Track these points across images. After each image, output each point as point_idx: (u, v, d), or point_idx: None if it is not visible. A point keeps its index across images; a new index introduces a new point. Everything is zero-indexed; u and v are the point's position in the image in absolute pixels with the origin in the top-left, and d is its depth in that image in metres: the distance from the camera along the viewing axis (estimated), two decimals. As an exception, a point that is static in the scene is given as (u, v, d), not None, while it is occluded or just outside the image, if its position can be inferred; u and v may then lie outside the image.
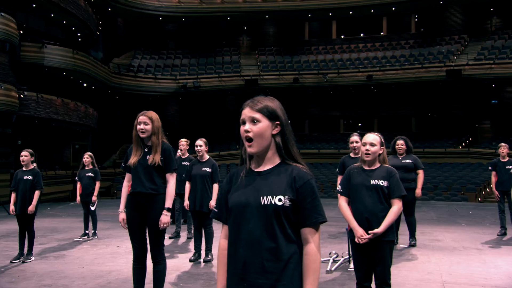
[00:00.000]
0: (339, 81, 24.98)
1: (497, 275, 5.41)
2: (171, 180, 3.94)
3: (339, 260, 6.09)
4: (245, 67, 26.78)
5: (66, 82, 20.86)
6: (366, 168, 3.61)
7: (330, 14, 27.57)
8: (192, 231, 7.26)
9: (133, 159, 3.88)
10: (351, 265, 5.73)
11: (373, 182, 3.51)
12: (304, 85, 25.36)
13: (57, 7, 18.81)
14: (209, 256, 6.11)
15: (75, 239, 7.92)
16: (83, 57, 20.01)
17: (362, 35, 28.97)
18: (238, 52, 28.82)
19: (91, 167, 8.19)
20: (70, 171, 18.98)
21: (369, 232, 3.40)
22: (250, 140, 1.84)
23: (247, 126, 1.85)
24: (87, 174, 8.11)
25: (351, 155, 6.49)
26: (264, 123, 1.84)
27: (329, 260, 5.97)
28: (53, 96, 18.12)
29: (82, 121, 19.83)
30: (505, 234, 8.22)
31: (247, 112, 1.87)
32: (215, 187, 6.14)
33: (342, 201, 3.66)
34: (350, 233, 3.58)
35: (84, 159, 8.32)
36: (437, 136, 25.11)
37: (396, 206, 3.49)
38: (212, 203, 6.00)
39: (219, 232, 6.78)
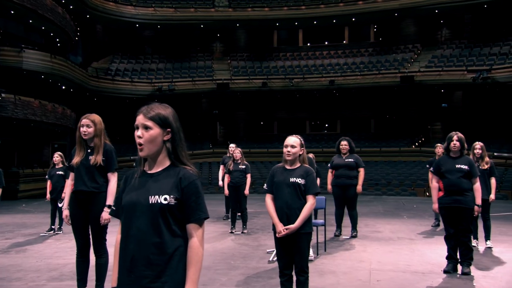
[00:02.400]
0: (304, 85, 25.24)
1: (419, 262, 5.63)
2: (113, 179, 3.98)
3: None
4: (217, 72, 26.79)
5: (45, 85, 20.49)
6: (288, 167, 3.73)
7: (296, 23, 27.81)
8: None
9: (76, 159, 3.91)
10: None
11: (292, 180, 3.63)
12: (272, 88, 25.52)
13: (35, 14, 18.45)
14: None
15: (41, 234, 7.85)
16: (61, 61, 19.68)
17: (326, 43, 29.28)
18: (211, 58, 28.79)
19: (61, 165, 8.14)
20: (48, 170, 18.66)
21: (286, 227, 3.53)
22: (141, 145, 1.91)
23: (139, 132, 1.91)
24: (57, 173, 8.05)
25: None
26: (155, 131, 1.91)
27: (273, 251, 6.09)
28: (30, 98, 17.79)
29: (60, 122, 19.51)
30: (438, 225, 8.51)
31: (140, 119, 1.93)
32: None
33: (268, 198, 3.76)
34: (274, 227, 3.69)
35: (54, 158, 8.26)
36: (393, 136, 25.64)
37: (310, 202, 3.62)
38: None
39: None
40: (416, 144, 24.49)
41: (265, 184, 3.87)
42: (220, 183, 9.44)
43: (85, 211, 3.89)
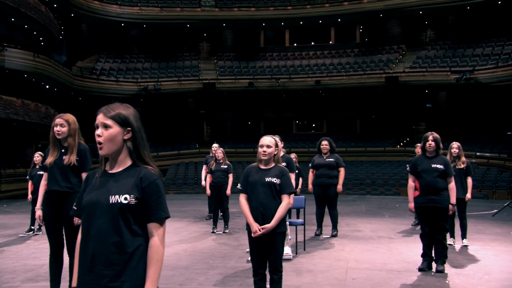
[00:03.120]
0: (291, 85, 25.32)
1: (396, 260, 5.70)
2: (87, 179, 3.96)
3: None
4: (204, 71, 26.74)
5: (28, 84, 20.25)
6: (263, 167, 3.75)
7: (282, 23, 27.88)
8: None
9: (49, 159, 3.89)
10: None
11: (267, 179, 3.65)
12: (258, 88, 25.56)
13: (17, 12, 18.21)
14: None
15: (20, 235, 7.77)
16: (45, 60, 19.46)
17: (312, 43, 29.40)
18: (198, 57, 28.72)
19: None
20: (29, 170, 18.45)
21: (261, 227, 3.55)
22: (100, 143, 1.91)
23: (99, 131, 1.92)
24: (38, 173, 7.95)
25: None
26: (114, 129, 1.91)
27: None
28: (13, 97, 17.56)
29: (43, 122, 19.29)
30: (418, 224, 8.60)
31: (100, 118, 1.93)
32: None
33: (242, 198, 3.78)
34: (248, 226, 3.71)
35: (34, 158, 8.17)
36: (379, 136, 25.86)
37: (285, 201, 3.65)
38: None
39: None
40: (401, 144, 24.75)
41: (239, 184, 3.89)
42: (203, 183, 9.43)
43: (58, 211, 3.87)
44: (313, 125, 29.52)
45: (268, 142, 3.74)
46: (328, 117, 28.36)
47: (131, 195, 1.87)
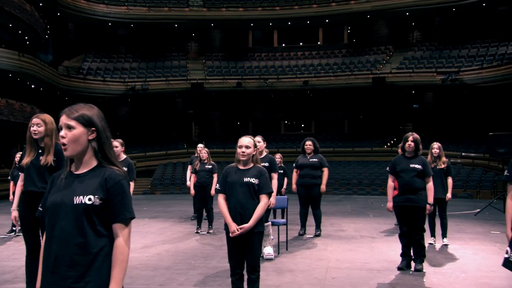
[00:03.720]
0: (279, 85, 25.40)
1: (377, 259, 5.76)
2: (64, 180, 3.94)
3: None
4: (192, 71, 26.70)
5: (13, 83, 20.03)
6: (241, 167, 3.77)
7: (270, 24, 27.94)
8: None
9: (26, 160, 3.86)
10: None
11: (246, 179, 3.67)
12: (246, 88, 25.59)
13: (1, 11, 17.97)
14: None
15: (1, 236, 7.69)
16: (30, 60, 19.27)
17: (301, 43, 29.52)
18: (186, 57, 28.66)
19: (23, 166, 7.94)
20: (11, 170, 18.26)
21: (239, 227, 3.57)
22: (64, 145, 1.91)
23: (63, 132, 1.91)
24: (20, 173, 7.87)
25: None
26: (78, 130, 1.91)
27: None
28: (-3, 97, 17.38)
29: (28, 122, 18.89)
30: (400, 224, 8.69)
31: (63, 120, 1.92)
32: (131, 185, 6.14)
33: (220, 198, 3.79)
34: (226, 226, 3.73)
35: (16, 159, 8.09)
36: (366, 137, 26.03)
37: (263, 201, 3.67)
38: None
39: (133, 227, 6.70)
40: (388, 144, 24.95)
41: (217, 184, 3.90)
42: (188, 183, 9.42)
43: (35, 212, 3.84)
44: (302, 125, 29.64)
45: (247, 142, 3.76)
46: (316, 118, 28.49)
47: (96, 196, 1.87)
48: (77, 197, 1.87)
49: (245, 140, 3.78)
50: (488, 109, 23.42)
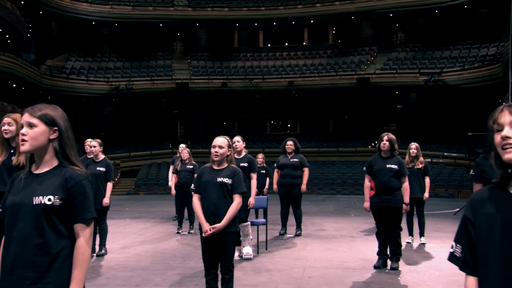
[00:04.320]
0: (264, 86, 25.45)
1: (354, 258, 5.82)
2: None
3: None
4: (177, 71, 26.59)
5: (-6, 82, 19.74)
6: (215, 167, 3.78)
7: (256, 24, 27.96)
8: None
9: (-3, 160, 3.81)
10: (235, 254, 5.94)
11: (219, 180, 3.68)
12: (232, 89, 25.59)
13: (-19, 9, 17.76)
14: (103, 251, 6.09)
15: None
16: (11, 58, 19.01)
17: (286, 44, 29.61)
18: (171, 57, 28.53)
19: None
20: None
21: (212, 226, 3.58)
22: (24, 140, 1.90)
23: (24, 130, 1.90)
24: None
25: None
26: (40, 128, 1.89)
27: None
28: (-23, 96, 17.09)
29: (9, 122, 18.77)
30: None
31: (26, 118, 1.91)
32: (109, 185, 6.12)
33: (195, 198, 3.80)
34: (200, 226, 3.73)
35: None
36: (351, 137, 26.21)
37: (237, 201, 3.69)
38: (106, 200, 5.99)
39: (110, 228, 6.67)
40: (373, 144, 25.12)
41: (192, 184, 3.91)
42: (170, 183, 9.39)
43: (7, 213, 3.80)
44: (287, 125, 29.74)
45: (220, 143, 3.77)
46: (302, 118, 28.61)
47: (56, 196, 1.85)
48: (37, 197, 1.85)
49: (219, 140, 3.79)
50: (469, 109, 23.76)
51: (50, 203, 1.85)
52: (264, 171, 9.39)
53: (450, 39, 25.27)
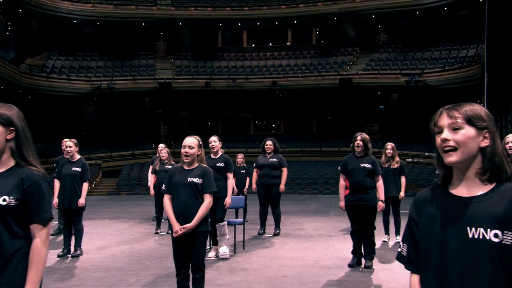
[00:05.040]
0: (247, 85, 25.47)
1: (330, 257, 5.88)
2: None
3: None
4: (160, 71, 26.44)
5: (-29, 81, 19.35)
6: (186, 167, 3.77)
7: (239, 24, 27.97)
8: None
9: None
10: (210, 254, 5.95)
11: (189, 180, 3.69)
12: (215, 88, 25.55)
13: (-42, 6, 17.39)
14: (78, 251, 6.03)
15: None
16: (-11, 57, 18.67)
17: (270, 44, 29.68)
18: (154, 56, 28.36)
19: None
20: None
21: (182, 227, 3.58)
22: None
23: None
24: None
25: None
26: None
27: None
28: (-47, 95, 16.72)
29: (-13, 121, 18.42)
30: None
31: None
32: (85, 185, 6.07)
33: (166, 199, 3.80)
34: (171, 226, 3.73)
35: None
36: (334, 137, 26.40)
37: (207, 201, 3.69)
38: (81, 201, 5.93)
39: (86, 228, 6.64)
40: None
41: (163, 185, 3.91)
42: (149, 183, 9.35)
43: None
44: (272, 125, 29.80)
45: (190, 143, 3.76)
46: (285, 118, 28.71)
47: (11, 196, 1.84)
48: None
49: (189, 141, 3.78)
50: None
51: (4, 203, 1.83)
52: (244, 171, 9.42)
53: (431, 41, 25.63)
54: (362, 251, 5.38)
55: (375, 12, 25.52)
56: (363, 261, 5.35)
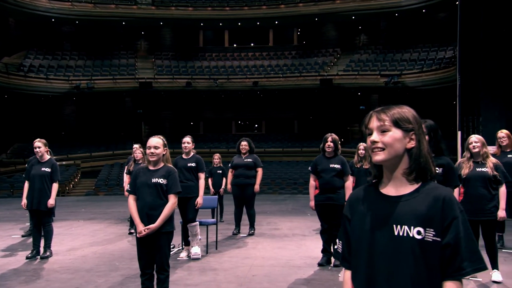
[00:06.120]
0: (229, 86, 25.45)
1: (301, 256, 5.92)
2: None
3: (173, 250, 6.28)
4: (141, 70, 26.23)
5: None
6: (151, 168, 3.77)
7: (221, 24, 27.95)
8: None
9: None
10: (181, 254, 5.95)
11: (154, 180, 3.68)
12: (196, 88, 25.46)
13: None
14: (47, 253, 5.95)
15: None
16: (-37, 55, 18.26)
17: (252, 44, 29.71)
18: (135, 56, 28.12)
19: None
20: None
21: (146, 227, 3.58)
22: None
23: None
24: None
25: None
26: None
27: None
28: None
29: (-39, 121, 18.08)
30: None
31: None
32: (55, 186, 6.00)
33: (130, 199, 3.79)
34: (135, 227, 3.72)
35: None
36: (315, 137, 26.49)
37: (171, 201, 3.70)
38: (51, 201, 5.87)
39: (59, 229, 6.59)
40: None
41: (128, 185, 3.89)
42: (124, 184, 9.27)
43: None
44: (254, 125, 29.84)
45: (155, 143, 3.76)
46: (267, 118, 28.78)
47: None
48: None
49: (153, 141, 3.78)
50: (428, 111, 24.49)
51: None
52: (220, 171, 9.44)
53: (410, 42, 26.00)
54: (332, 250, 5.44)
55: (355, 14, 25.79)
56: (332, 260, 5.41)
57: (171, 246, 6.40)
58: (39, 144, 6.01)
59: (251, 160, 7.69)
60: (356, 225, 1.50)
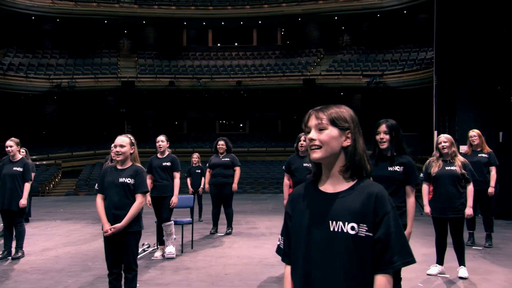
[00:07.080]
0: (212, 85, 25.41)
1: (276, 255, 5.90)
2: None
3: (148, 250, 6.26)
4: (123, 69, 26.01)
5: None
6: (119, 167, 3.75)
7: (204, 23, 27.88)
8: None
9: None
10: (156, 254, 5.93)
11: (121, 180, 3.66)
12: (179, 88, 25.36)
13: None
14: (19, 253, 5.87)
15: None
16: None
17: (236, 44, 29.70)
18: (117, 55, 27.87)
19: None
20: None
21: (112, 226, 3.56)
22: None
23: None
24: None
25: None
26: None
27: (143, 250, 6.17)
28: None
29: None
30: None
31: None
32: (27, 186, 5.92)
33: (98, 198, 3.75)
34: (102, 226, 3.70)
35: None
36: (298, 137, 26.64)
37: (138, 201, 3.67)
38: (23, 201, 5.79)
39: (34, 229, 6.50)
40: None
41: (96, 185, 3.86)
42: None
43: None
44: (238, 125, 29.84)
45: (121, 142, 3.73)
46: (251, 118, 28.80)
47: None
48: None
49: (119, 139, 3.75)
50: (408, 111, 24.82)
51: None
52: (199, 171, 9.43)
53: (391, 43, 26.28)
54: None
55: (338, 14, 25.97)
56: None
57: (146, 246, 6.41)
58: (11, 143, 5.93)
59: (228, 159, 7.69)
60: (296, 221, 1.53)
